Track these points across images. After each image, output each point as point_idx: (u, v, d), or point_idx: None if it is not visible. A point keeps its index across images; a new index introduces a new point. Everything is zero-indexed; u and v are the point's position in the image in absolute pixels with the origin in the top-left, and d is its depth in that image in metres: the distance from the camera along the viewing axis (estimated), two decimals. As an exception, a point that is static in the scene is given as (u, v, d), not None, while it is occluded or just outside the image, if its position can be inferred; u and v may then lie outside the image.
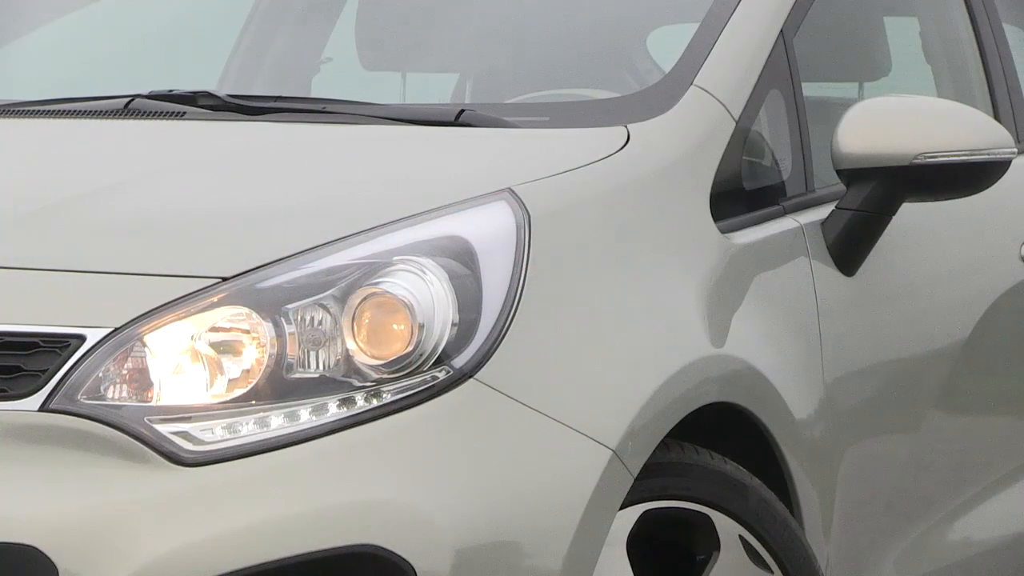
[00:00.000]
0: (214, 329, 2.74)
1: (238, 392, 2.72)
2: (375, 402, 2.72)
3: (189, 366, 2.73)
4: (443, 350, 2.75)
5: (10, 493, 2.65)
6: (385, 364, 2.74)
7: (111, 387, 2.70)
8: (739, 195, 3.30)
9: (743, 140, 3.33)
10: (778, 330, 3.25)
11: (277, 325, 2.74)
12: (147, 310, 2.73)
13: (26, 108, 3.56)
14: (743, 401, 3.10)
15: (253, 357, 2.73)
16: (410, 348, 2.74)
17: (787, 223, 3.37)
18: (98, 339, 2.71)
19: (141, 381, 2.71)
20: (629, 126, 3.22)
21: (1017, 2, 4.44)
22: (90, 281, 2.81)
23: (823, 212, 3.43)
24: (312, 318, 2.75)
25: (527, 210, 2.92)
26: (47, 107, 3.53)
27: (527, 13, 3.86)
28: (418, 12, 3.99)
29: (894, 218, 3.46)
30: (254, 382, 2.72)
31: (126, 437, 2.67)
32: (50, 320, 2.74)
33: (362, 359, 2.74)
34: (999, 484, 3.90)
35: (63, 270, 2.83)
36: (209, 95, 3.49)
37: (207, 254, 2.84)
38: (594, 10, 3.84)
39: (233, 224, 2.94)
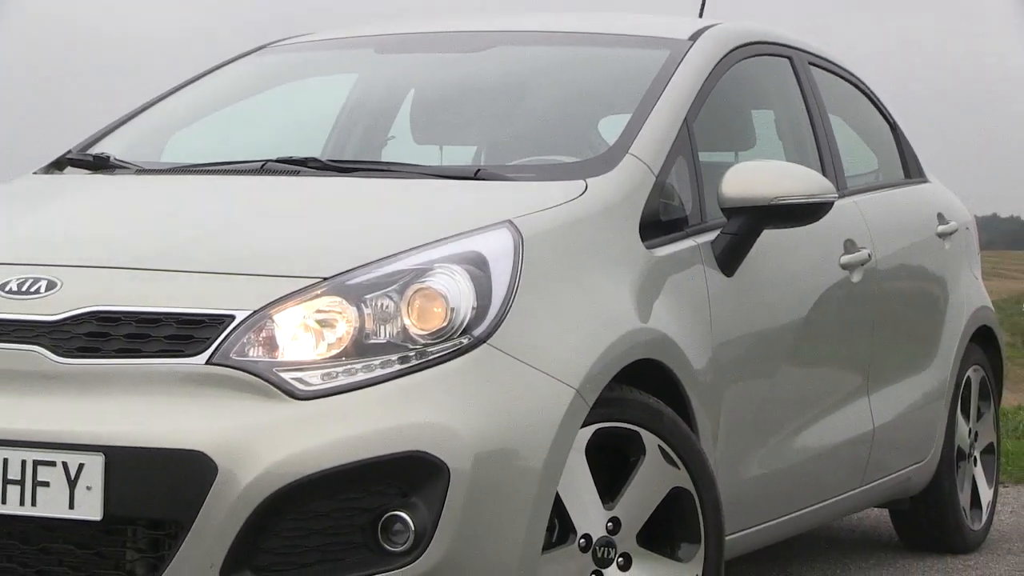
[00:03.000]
0: (318, 311, 2.72)
1: (333, 352, 2.69)
2: (423, 359, 2.70)
3: (302, 335, 2.71)
4: (466, 325, 2.73)
5: (186, 418, 2.64)
6: (429, 334, 2.72)
7: (251, 348, 2.68)
8: (658, 224, 3.26)
9: (661, 189, 3.29)
10: (683, 312, 3.21)
11: (359, 309, 2.72)
12: (275, 298, 2.72)
13: (199, 168, 3.54)
14: (660, 357, 3.07)
15: (343, 329, 2.71)
16: (445, 324, 2.72)
17: (689, 243, 3.33)
18: (243, 317, 2.70)
19: (271, 345, 2.69)
20: (587, 180, 3.19)
21: (838, 100, 4.42)
22: (238, 279, 2.79)
23: (712, 235, 3.39)
24: (382, 304, 2.73)
25: (521, 234, 2.90)
26: (212, 167, 3.51)
27: (521, 108, 3.84)
28: (450, 108, 3.96)
29: (758, 239, 3.44)
30: (344, 346, 2.70)
31: (261, 381, 2.65)
32: (212, 305, 2.72)
33: (414, 331, 2.71)
34: (822, 412, 3.88)
35: (221, 273, 2.81)
36: (315, 160, 3.47)
37: (313, 262, 2.81)
38: (564, 106, 3.81)
39: (330, 242, 2.92)
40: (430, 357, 2.70)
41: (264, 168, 3.40)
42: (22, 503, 2.64)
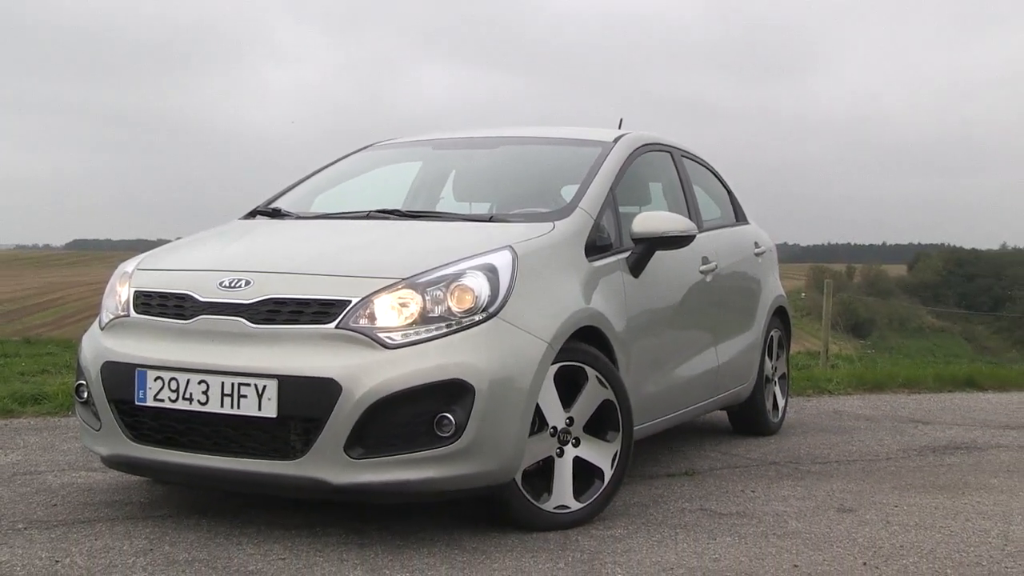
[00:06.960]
0: (399, 298, 2.67)
1: (408, 321, 2.65)
2: (459, 326, 2.65)
3: (390, 311, 2.66)
4: (485, 306, 2.69)
5: (323, 359, 2.59)
6: (463, 312, 2.67)
7: (361, 319, 2.64)
8: (595, 247, 3.21)
9: (597, 227, 3.25)
10: (609, 298, 3.17)
11: (423, 296, 2.67)
12: (374, 290, 2.67)
13: (333, 215, 3.47)
14: (597, 324, 3.04)
15: (414, 309, 2.66)
16: (473, 305, 2.68)
17: (613, 258, 3.28)
18: (356, 301, 2.65)
19: (372, 317, 2.64)
20: (555, 222, 3.15)
21: (698, 176, 4.37)
22: (353, 279, 2.73)
23: (626, 254, 3.35)
24: (436, 294, 2.68)
25: (517, 253, 2.86)
26: (340, 215, 3.44)
27: (517, 180, 3.79)
28: (476, 180, 3.91)
29: (653, 256, 3.41)
30: (414, 318, 2.65)
31: (366, 338, 2.61)
32: (338, 294, 2.67)
33: (455, 310, 2.67)
34: (689, 355, 3.83)
35: (343, 275, 2.75)
36: (398, 211, 3.42)
37: (396, 268, 2.76)
38: (541, 179, 3.75)
39: (406, 258, 2.85)
40: (464, 325, 2.65)
41: (368, 215, 3.35)
42: (232, 407, 2.62)
